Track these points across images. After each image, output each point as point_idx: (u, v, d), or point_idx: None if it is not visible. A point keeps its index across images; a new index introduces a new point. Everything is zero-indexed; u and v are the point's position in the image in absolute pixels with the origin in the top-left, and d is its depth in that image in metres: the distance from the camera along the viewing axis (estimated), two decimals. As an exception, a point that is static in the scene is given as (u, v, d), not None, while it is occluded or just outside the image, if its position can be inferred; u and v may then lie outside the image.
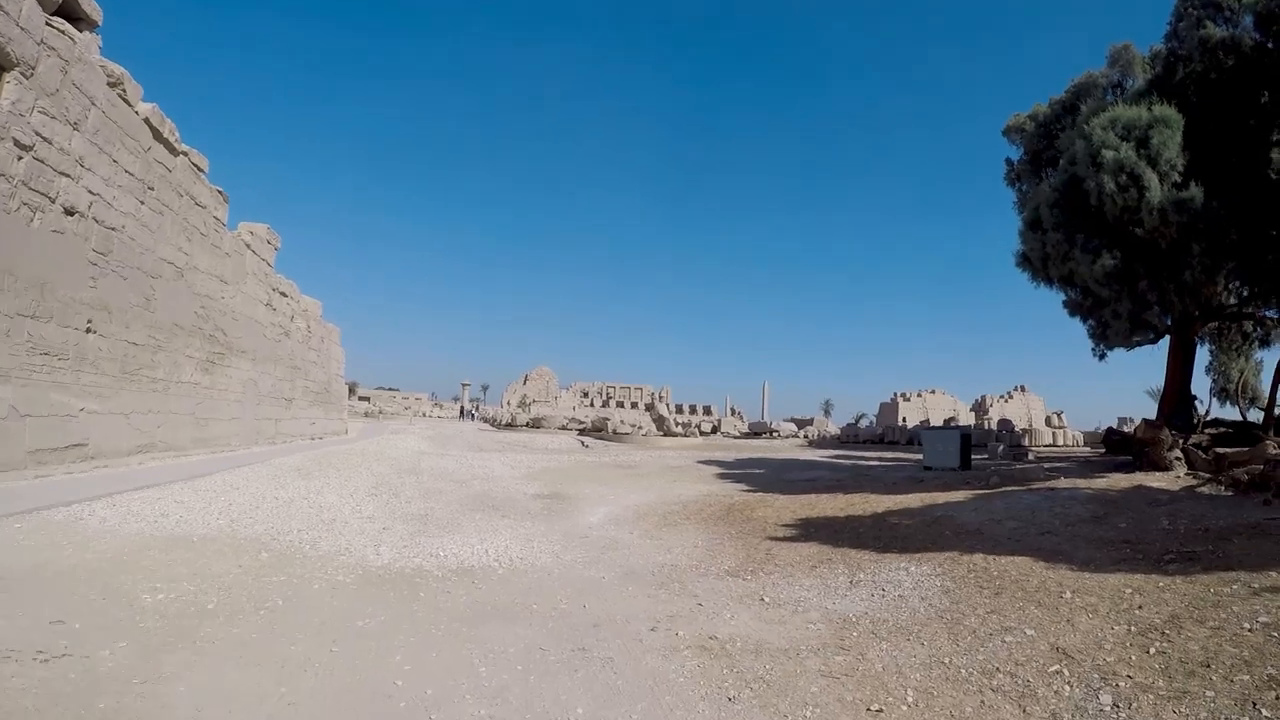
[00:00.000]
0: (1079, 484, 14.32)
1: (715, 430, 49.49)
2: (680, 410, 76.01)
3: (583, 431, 43.52)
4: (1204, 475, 14.35)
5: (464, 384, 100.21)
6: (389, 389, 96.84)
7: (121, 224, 14.59)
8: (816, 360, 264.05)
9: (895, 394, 79.17)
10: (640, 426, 45.52)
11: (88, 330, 13.42)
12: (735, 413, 75.92)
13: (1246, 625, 5.66)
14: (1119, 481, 14.32)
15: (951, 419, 57.65)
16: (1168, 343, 19.79)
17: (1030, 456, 26.03)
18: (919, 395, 79.84)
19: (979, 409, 75.19)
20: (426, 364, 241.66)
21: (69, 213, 12.83)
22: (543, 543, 10.16)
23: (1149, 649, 5.41)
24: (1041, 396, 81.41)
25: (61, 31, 12.59)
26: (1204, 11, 15.61)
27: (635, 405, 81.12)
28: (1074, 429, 42.92)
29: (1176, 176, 14.32)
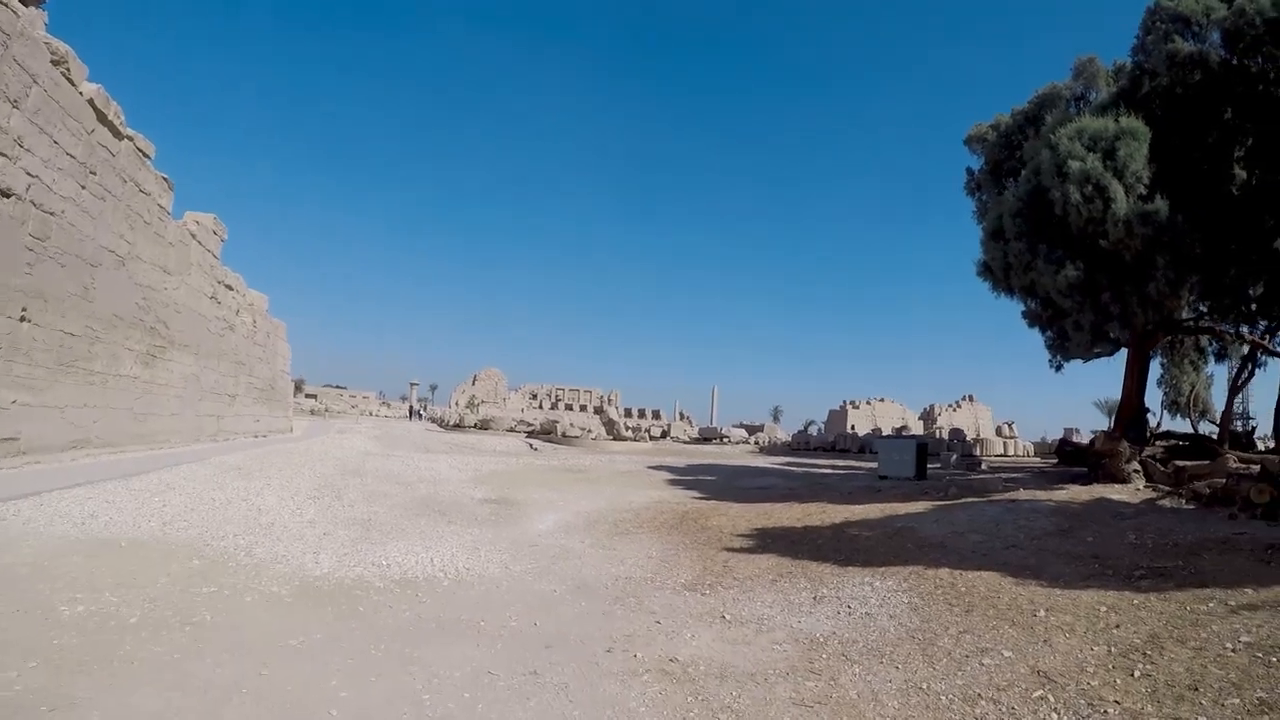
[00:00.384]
0: (1039, 496, 14.32)
1: (665, 435, 49.18)
2: (629, 414, 75.73)
3: (531, 434, 42.99)
4: (1164, 488, 14.48)
5: (412, 383, 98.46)
6: (337, 387, 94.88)
7: (61, 209, 13.83)
8: (765, 366, 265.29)
9: (844, 401, 79.78)
10: (590, 430, 45.11)
11: (21, 319, 12.67)
12: (684, 417, 75.90)
13: (1229, 645, 5.53)
14: (1079, 494, 14.34)
15: (903, 428, 58.47)
16: (1124, 355, 20.05)
17: (983, 466, 26.20)
18: (868, 403, 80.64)
19: (927, 418, 76.25)
20: (375, 363, 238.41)
21: (4, 194, 12.07)
22: (490, 551, 9.72)
23: (1133, 672, 5.23)
24: (989, 406, 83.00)
25: (4, 4, 11.83)
26: (1171, 26, 15.76)
27: (584, 408, 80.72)
28: (1024, 439, 43.63)
29: (1142, 189, 14.39)
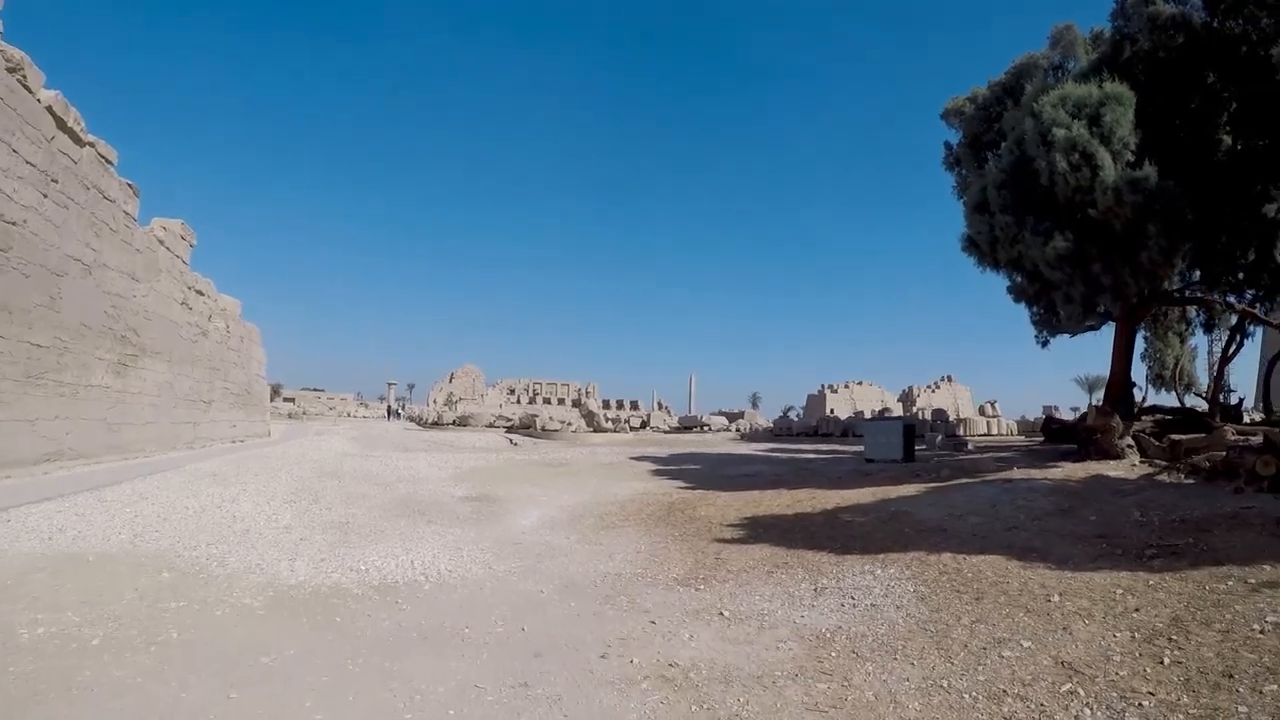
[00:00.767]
0: (1034, 474, 14.12)
1: (645, 425, 48.85)
2: (608, 405, 75.29)
3: (511, 429, 42.53)
4: (1160, 463, 14.31)
5: (390, 383, 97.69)
6: (314, 390, 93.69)
7: (22, 218, 13.40)
8: (740, 353, 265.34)
9: (823, 386, 79.72)
10: (570, 423, 44.68)
11: (-15, 332, 12.29)
12: (663, 407, 75.60)
13: (1256, 627, 5.30)
14: (1075, 471, 14.16)
15: (885, 410, 58.53)
16: (1110, 330, 19.93)
17: (969, 446, 26.07)
18: (846, 387, 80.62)
19: (906, 399, 76.47)
20: (352, 364, 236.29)
21: (-39, 206, 11.65)
22: (473, 551, 9.36)
23: (1162, 659, 4.97)
24: (968, 387, 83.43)
25: (-46, 14, 11.34)
26: (1152, -12, 15.54)
27: (562, 401, 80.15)
28: (1006, 418, 43.69)
29: (1129, 155, 14.19)
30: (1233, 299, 19.41)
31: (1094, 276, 14.27)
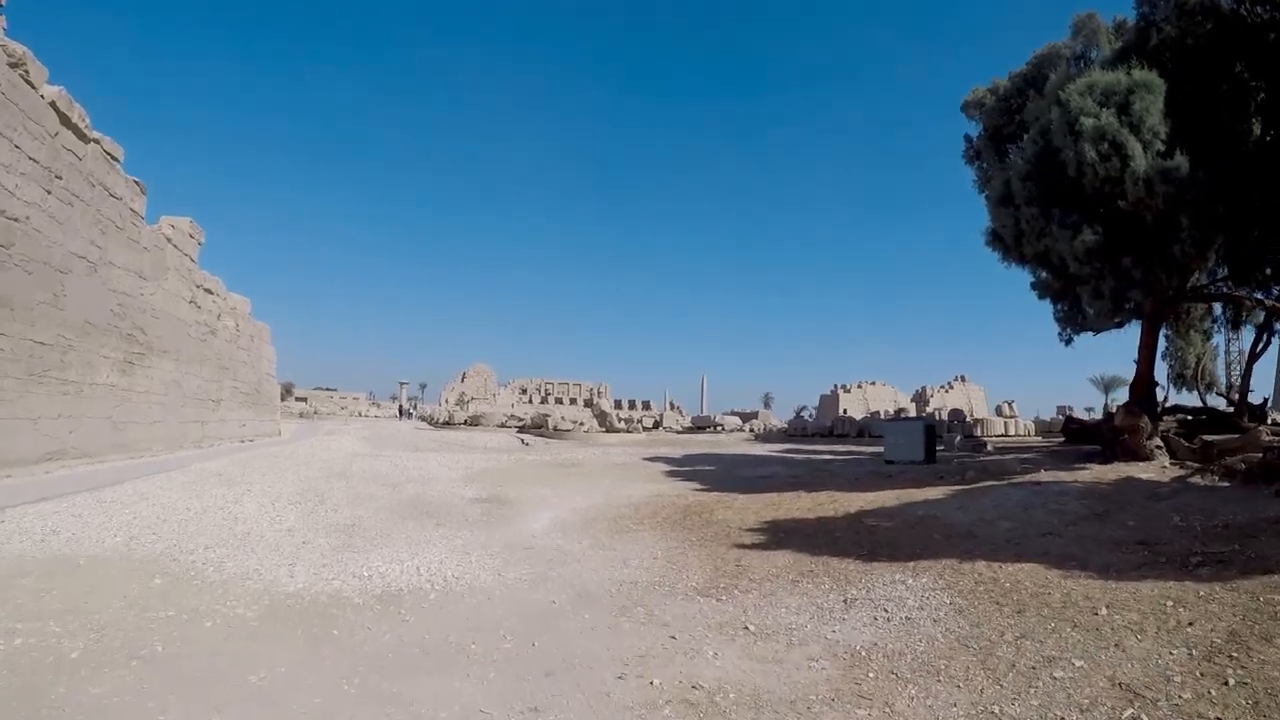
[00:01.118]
0: (1062, 477, 13.59)
1: (657, 425, 48.34)
2: (620, 405, 74.92)
3: (522, 429, 42.16)
4: (1192, 465, 13.78)
5: (402, 383, 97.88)
6: (326, 389, 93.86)
7: (25, 214, 13.23)
8: (751, 353, 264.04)
9: (835, 386, 78.95)
10: (582, 423, 44.23)
11: (-13, 330, 12.09)
12: (675, 407, 75.15)
13: (1321, 642, 4.89)
14: (1105, 473, 13.63)
15: (901, 410, 57.83)
16: (1134, 328, 19.34)
17: (989, 447, 25.53)
18: (859, 387, 79.88)
19: (919, 400, 75.64)
20: (365, 364, 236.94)
21: (-40, 201, 11.42)
22: (482, 556, 8.94)
23: (1225, 679, 4.56)
24: (981, 387, 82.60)
25: (-46, 9, 11.12)
26: (1178, -26, 14.98)
27: (574, 401, 79.86)
28: (1023, 418, 42.99)
29: (1160, 145, 13.61)
30: (1259, 295, 18.83)
31: (1124, 270, 13.72)
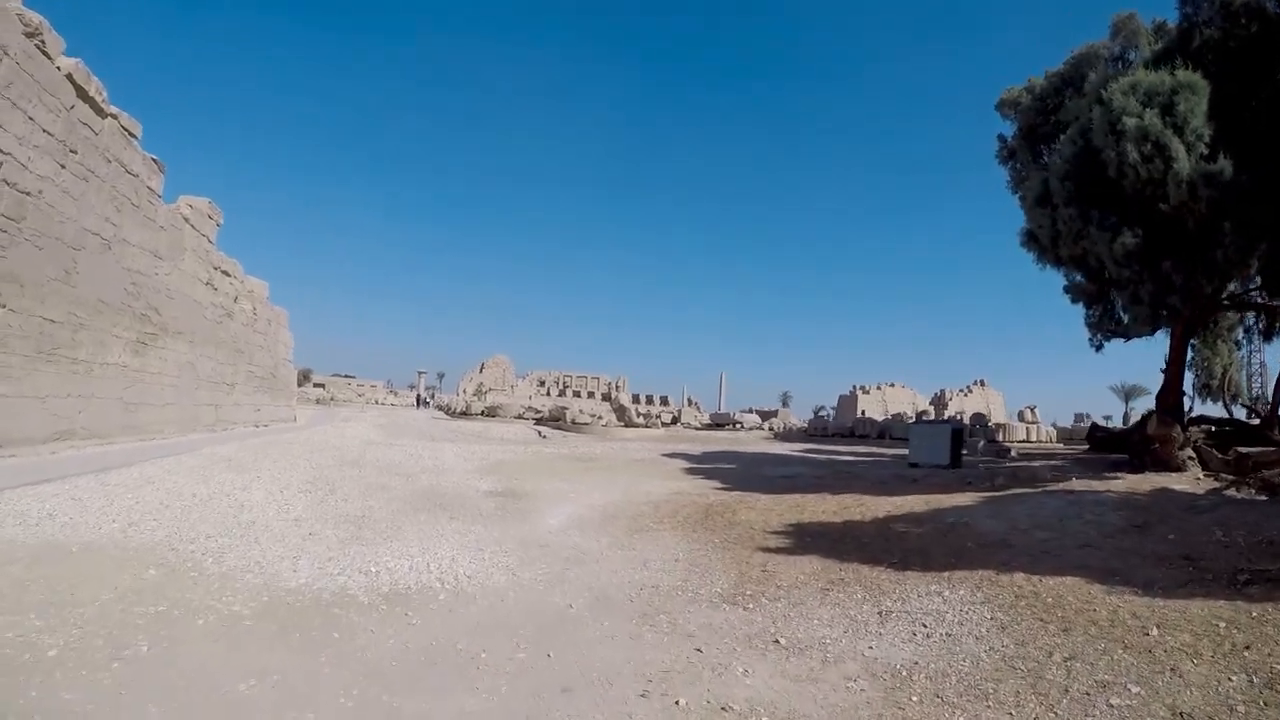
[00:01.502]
0: (1095, 486, 13.08)
1: (675, 421, 47.82)
2: (637, 400, 74.53)
3: (540, 421, 41.85)
4: (1227, 477, 13.22)
5: (420, 372, 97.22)
6: (345, 376, 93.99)
7: (38, 188, 12.90)
8: (770, 352, 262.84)
9: (854, 386, 78.43)
10: (600, 417, 43.83)
11: (-7, 304, 11.87)
12: (692, 403, 74.62)
13: (1385, 670, 4.52)
14: (1139, 484, 13.10)
15: (924, 413, 57.07)
16: (1166, 334, 18.76)
17: (1013, 453, 24.97)
18: (878, 388, 79.29)
19: (938, 403, 74.91)
20: (384, 352, 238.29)
21: (-29, 172, 11.20)
22: (495, 553, 8.55)
23: (1296, 710, 4.14)
24: (1000, 391, 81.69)
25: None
26: (1223, -25, 14.44)
27: (592, 395, 79.69)
28: (1045, 425, 42.23)
29: (1203, 148, 13.08)
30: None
31: (1164, 275, 13.18)
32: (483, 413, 46.32)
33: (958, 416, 45.66)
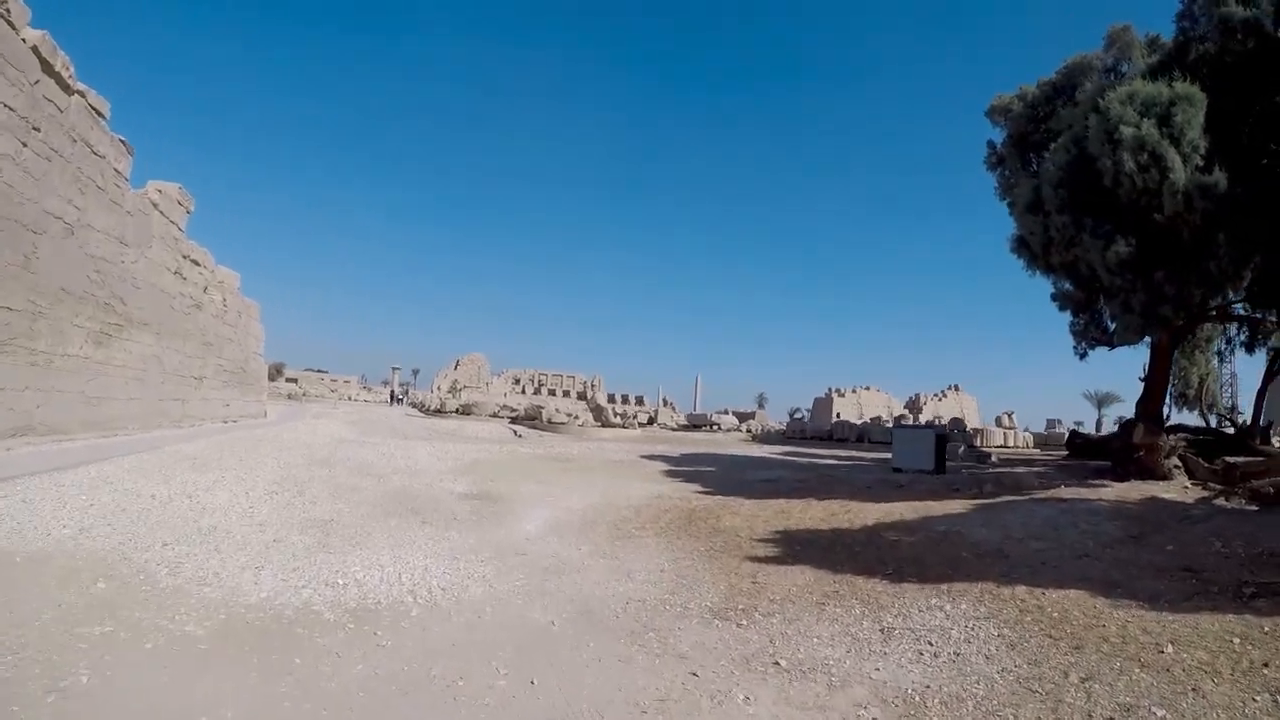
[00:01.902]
0: (1084, 494, 12.89)
1: (652, 421, 47.40)
2: (613, 400, 74.18)
3: (515, 420, 41.34)
4: (1215, 486, 13.09)
5: (394, 368, 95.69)
6: (318, 371, 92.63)
7: None
8: (744, 353, 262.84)
9: (830, 389, 78.66)
10: (576, 416, 43.39)
11: (-56, 290, 11.18)
12: (668, 404, 74.27)
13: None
14: (1128, 492, 12.93)
15: (901, 416, 57.03)
16: (1146, 344, 18.69)
17: (993, 458, 24.79)
18: (853, 391, 79.59)
19: (913, 406, 75.21)
20: (360, 348, 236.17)
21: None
22: (471, 562, 8.13)
23: (1325, 732, 3.97)
24: (974, 396, 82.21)
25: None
26: (1221, -10, 14.39)
27: (567, 394, 79.35)
28: (1022, 430, 42.31)
29: (1199, 160, 12.94)
30: (1271, 317, 18.18)
31: (1157, 285, 12.99)
32: (457, 410, 45.77)
33: (935, 421, 45.66)
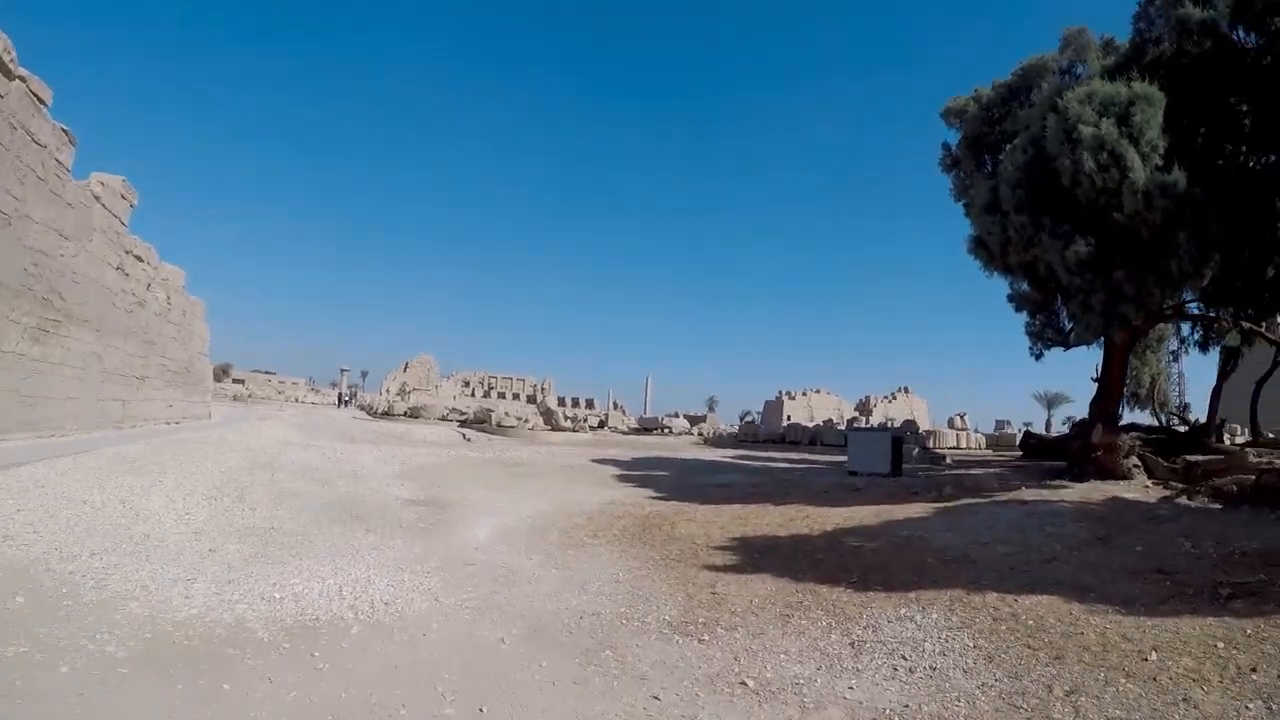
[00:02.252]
0: (1046, 495, 12.83)
1: (603, 425, 46.97)
2: (563, 403, 73.50)
3: (464, 423, 40.60)
4: (1176, 485, 13.14)
5: (343, 369, 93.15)
6: (265, 373, 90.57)
7: None
8: (694, 355, 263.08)
9: (780, 392, 79.12)
10: (526, 419, 42.80)
11: None
12: (618, 406, 73.79)
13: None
14: (1089, 493, 12.91)
15: (854, 419, 57.37)
16: (1099, 345, 18.87)
17: (948, 460, 24.89)
18: (804, 394, 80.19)
19: (864, 409, 75.87)
20: (309, 349, 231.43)
21: None
22: (416, 574, 7.69)
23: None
24: (924, 399, 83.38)
25: None
26: (1178, -9, 14.61)
27: (517, 396, 78.54)
28: (975, 432, 42.79)
29: (1158, 159, 13.05)
30: (1226, 316, 18.49)
31: (1117, 284, 12.99)
32: (405, 413, 44.88)
33: (889, 423, 46.00)
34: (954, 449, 35.42)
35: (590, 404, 76.72)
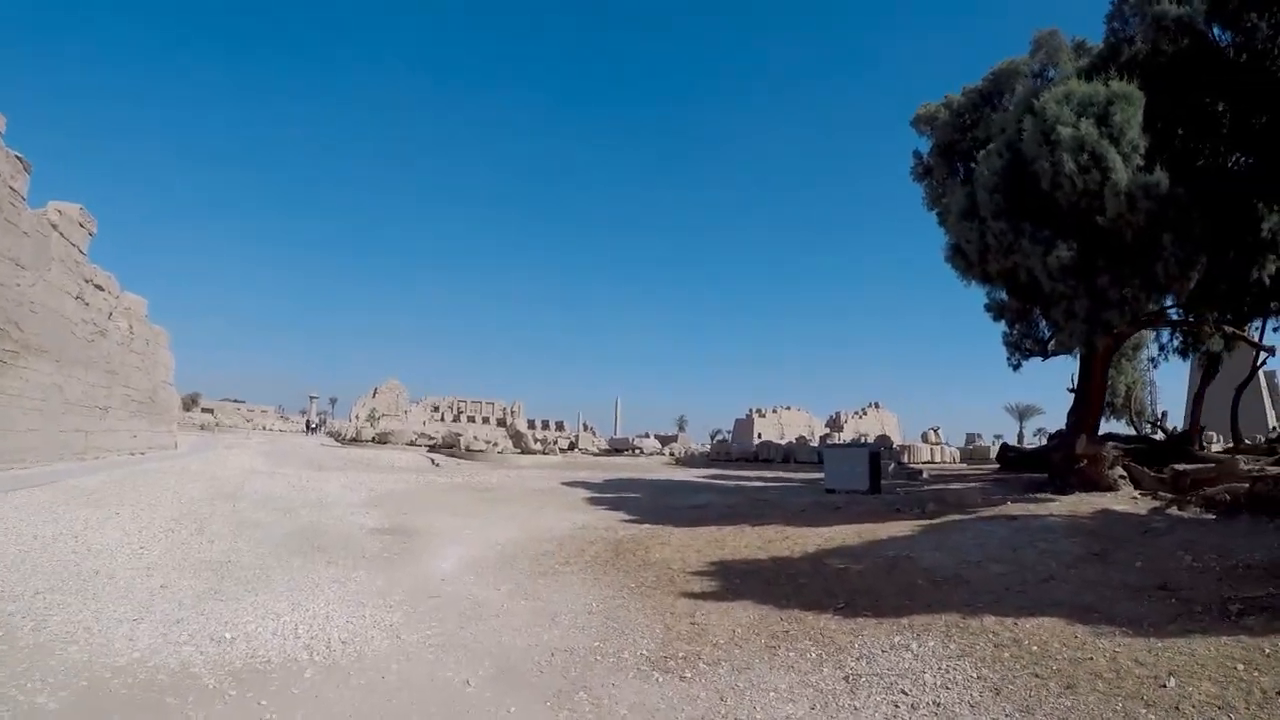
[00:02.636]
0: (1032, 510, 12.58)
1: (573, 447, 46.42)
2: (533, 425, 72.91)
3: (433, 448, 39.90)
4: (1165, 495, 12.94)
5: (312, 396, 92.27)
6: (234, 401, 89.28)
7: None
8: (664, 375, 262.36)
9: (750, 410, 79.28)
10: (495, 443, 42.13)
11: None
12: (588, 428, 73.30)
13: None
14: (1077, 506, 12.69)
15: (826, 435, 57.30)
16: (1075, 355, 18.80)
17: (925, 475, 24.73)
18: (774, 411, 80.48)
19: (834, 425, 76.08)
20: (277, 377, 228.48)
21: None
22: (378, 609, 7.23)
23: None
24: (895, 414, 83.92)
25: None
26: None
27: (487, 420, 77.84)
28: (948, 445, 42.83)
29: (1139, 160, 12.93)
30: (1210, 320, 18.47)
31: (1101, 290, 12.82)
32: (374, 439, 44.11)
33: (861, 438, 45.92)
34: (929, 463, 35.42)
35: (560, 426, 76.23)
